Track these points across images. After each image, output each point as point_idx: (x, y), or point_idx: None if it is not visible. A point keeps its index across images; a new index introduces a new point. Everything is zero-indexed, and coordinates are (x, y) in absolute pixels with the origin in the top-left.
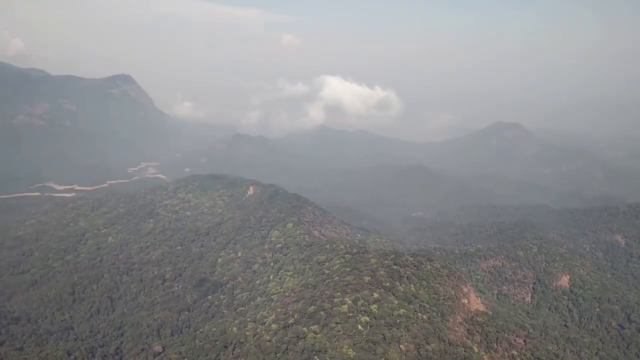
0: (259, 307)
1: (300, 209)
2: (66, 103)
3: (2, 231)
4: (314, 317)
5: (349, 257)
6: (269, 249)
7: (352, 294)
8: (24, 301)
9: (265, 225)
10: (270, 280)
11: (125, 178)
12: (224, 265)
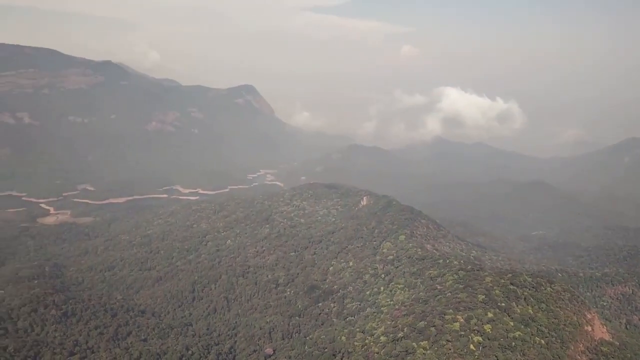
0: (369, 318)
1: (413, 221)
2: (194, 111)
3: (134, 229)
4: (424, 332)
5: (463, 274)
6: (381, 260)
7: (464, 312)
8: (149, 296)
9: (377, 236)
10: (380, 291)
11: (245, 184)
12: (335, 273)
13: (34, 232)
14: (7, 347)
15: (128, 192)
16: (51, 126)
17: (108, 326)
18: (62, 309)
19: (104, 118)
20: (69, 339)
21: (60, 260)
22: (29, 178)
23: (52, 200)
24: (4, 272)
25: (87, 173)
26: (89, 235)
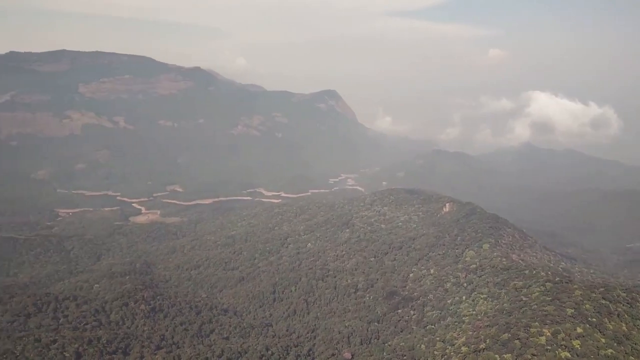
0: (449, 328)
1: (498, 230)
2: (279, 116)
3: (219, 230)
4: (508, 345)
5: (550, 286)
6: (463, 268)
7: (551, 326)
8: (232, 295)
9: (459, 244)
10: (462, 301)
11: (326, 188)
12: (415, 280)
13: (127, 230)
14: (101, 338)
15: (214, 194)
16: (144, 130)
17: (193, 323)
18: (151, 304)
19: (192, 122)
20: (156, 333)
21: (149, 257)
22: (123, 179)
23: (143, 201)
24: (100, 267)
25: (176, 175)
26: (177, 235)
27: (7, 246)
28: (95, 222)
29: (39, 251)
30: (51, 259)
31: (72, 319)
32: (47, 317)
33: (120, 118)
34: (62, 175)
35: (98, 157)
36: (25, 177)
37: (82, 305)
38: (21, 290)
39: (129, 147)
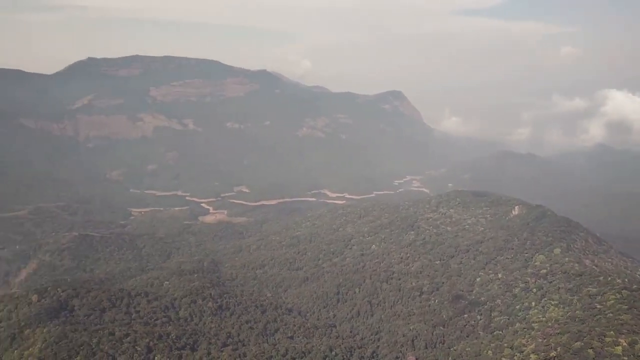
0: (518, 334)
1: (570, 234)
2: (343, 118)
3: (284, 230)
4: (580, 354)
5: (627, 294)
6: (532, 273)
7: (628, 335)
8: (296, 295)
9: (529, 249)
10: (531, 307)
11: (391, 189)
12: (482, 285)
13: (196, 229)
14: (170, 334)
15: (279, 195)
16: (212, 132)
17: (258, 321)
18: (218, 302)
19: (258, 124)
20: (222, 330)
21: (217, 256)
22: (192, 179)
23: (211, 201)
24: (170, 265)
25: (243, 176)
26: (243, 235)
27: (85, 243)
28: (165, 221)
29: (113, 248)
30: (124, 256)
31: (143, 314)
32: (121, 311)
33: (190, 120)
34: (134, 175)
35: (168, 159)
36: (101, 178)
37: (153, 302)
38: (97, 286)
39: (198, 148)
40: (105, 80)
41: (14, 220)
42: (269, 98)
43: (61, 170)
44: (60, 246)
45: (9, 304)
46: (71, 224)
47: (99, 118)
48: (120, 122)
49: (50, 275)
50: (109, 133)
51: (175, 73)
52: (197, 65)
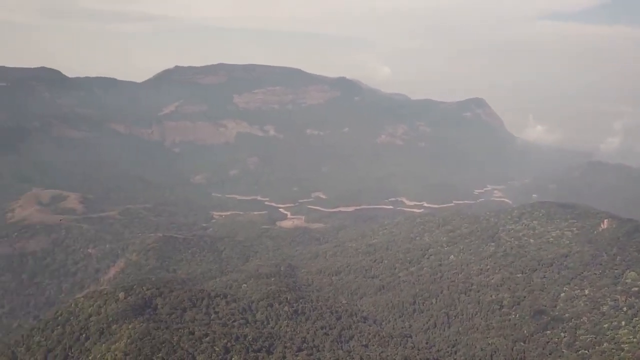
0: (605, 355)
1: None
2: (422, 125)
3: (360, 237)
4: None
5: None
6: (622, 291)
7: None
8: (371, 303)
9: (619, 264)
10: (621, 326)
11: (471, 199)
12: (567, 301)
13: (273, 233)
14: (247, 336)
15: (356, 202)
16: (292, 138)
17: (333, 328)
18: (294, 307)
19: (338, 131)
20: (298, 335)
21: (293, 261)
22: (272, 185)
23: (289, 206)
24: (248, 267)
25: (321, 182)
26: (320, 240)
27: (169, 244)
28: (244, 225)
29: (195, 250)
30: (205, 258)
31: (222, 315)
32: (201, 312)
33: (271, 127)
34: (216, 180)
35: (249, 164)
36: (185, 181)
37: (231, 303)
38: (179, 286)
39: (278, 154)
40: (191, 88)
41: (104, 220)
42: (349, 105)
43: (149, 173)
44: (146, 246)
45: (99, 300)
46: (157, 225)
47: (185, 124)
48: (205, 128)
49: (136, 273)
50: (194, 138)
51: (258, 81)
52: (279, 73)
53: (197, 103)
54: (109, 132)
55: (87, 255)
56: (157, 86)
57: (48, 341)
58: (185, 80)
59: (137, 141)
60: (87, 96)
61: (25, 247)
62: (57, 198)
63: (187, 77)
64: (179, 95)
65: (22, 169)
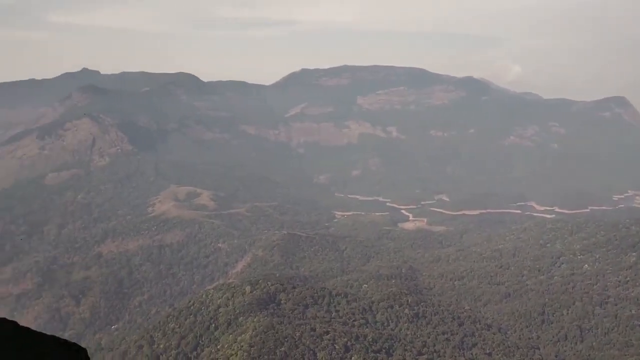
0: None
1: None
2: (555, 126)
3: (485, 242)
4: None
5: None
6: None
7: None
8: (496, 310)
9: None
10: None
11: (609, 205)
12: None
13: (394, 235)
14: (367, 336)
15: (481, 205)
16: (414, 140)
17: (455, 334)
18: (414, 310)
19: (463, 132)
20: (418, 339)
21: (414, 264)
22: (393, 186)
23: (411, 208)
24: (369, 268)
25: (444, 184)
26: (442, 244)
27: (292, 242)
28: (366, 226)
29: (317, 248)
30: (327, 256)
31: (342, 314)
32: (322, 309)
33: (393, 128)
34: (339, 180)
35: (371, 165)
36: (309, 181)
37: (352, 303)
38: (302, 283)
39: (400, 155)
40: (317, 90)
41: (233, 216)
42: (475, 105)
43: (275, 173)
44: (272, 243)
45: (227, 292)
46: (281, 223)
47: (310, 125)
48: (329, 129)
49: (261, 269)
50: (318, 139)
51: (381, 82)
52: (403, 74)
53: (321, 105)
54: (239, 133)
55: (217, 249)
56: (284, 89)
57: (181, 328)
58: (311, 83)
59: (264, 142)
60: (220, 99)
61: (163, 239)
62: (191, 195)
63: (313, 80)
64: (305, 97)
65: (161, 167)
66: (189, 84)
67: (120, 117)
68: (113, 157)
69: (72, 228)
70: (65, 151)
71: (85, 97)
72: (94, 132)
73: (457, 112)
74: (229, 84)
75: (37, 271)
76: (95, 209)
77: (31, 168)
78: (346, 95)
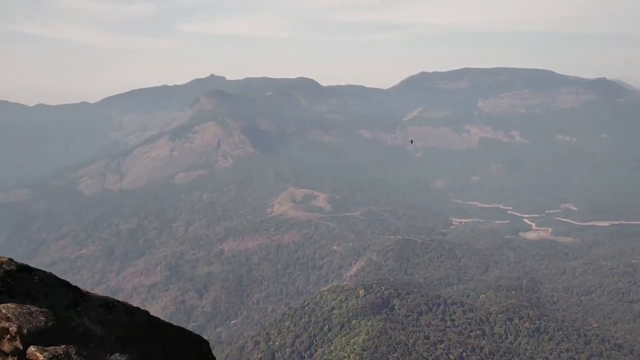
0: None
1: None
2: None
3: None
4: None
5: None
6: None
7: None
8: (628, 330)
9: None
10: None
11: None
12: None
13: (515, 244)
14: (484, 348)
15: (613, 216)
16: (540, 144)
17: (580, 352)
18: (535, 324)
19: (594, 137)
20: (539, 354)
21: (537, 276)
22: (516, 193)
23: (534, 216)
24: (487, 278)
25: (571, 192)
26: (568, 256)
27: (407, 247)
28: (484, 234)
29: (432, 255)
30: (443, 264)
31: (458, 323)
32: (436, 317)
33: (516, 132)
34: (457, 186)
35: (492, 171)
36: (425, 186)
37: (468, 313)
38: (416, 289)
39: (523, 161)
40: (435, 93)
41: (349, 219)
42: (609, 109)
43: (391, 177)
44: (386, 247)
45: (341, 295)
46: (396, 228)
47: (427, 129)
48: (447, 133)
49: (375, 273)
50: (436, 144)
51: (504, 85)
52: (527, 76)
53: (440, 108)
54: (356, 137)
55: (332, 251)
56: (402, 92)
57: (296, 327)
58: (430, 86)
59: (380, 146)
60: (338, 103)
61: (281, 240)
62: (308, 197)
63: (432, 83)
64: (423, 101)
65: (281, 169)
66: (308, 88)
67: (244, 120)
68: (236, 159)
69: (198, 225)
70: (193, 153)
71: (211, 102)
72: (219, 135)
73: (587, 116)
74: (347, 88)
75: (165, 265)
76: (219, 208)
77: (163, 168)
78: (466, 99)
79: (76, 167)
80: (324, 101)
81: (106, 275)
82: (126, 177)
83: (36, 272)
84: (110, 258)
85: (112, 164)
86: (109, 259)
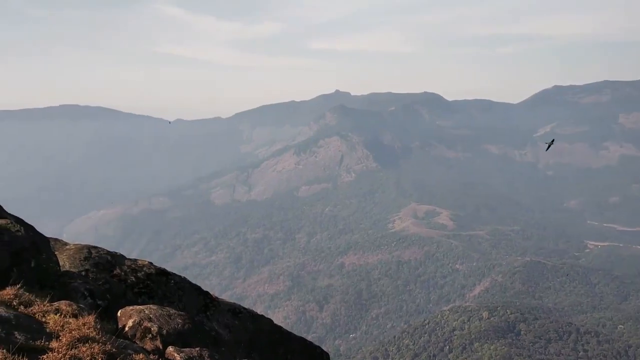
0: None
1: None
2: None
3: None
4: None
5: None
6: None
7: None
8: None
9: None
10: None
11: None
12: None
13: None
14: None
15: None
16: None
17: None
18: None
19: None
20: None
21: None
22: None
23: None
24: (626, 307)
25: None
26: None
27: (535, 270)
28: (625, 259)
29: (564, 280)
30: (575, 289)
31: (591, 355)
32: (567, 347)
33: None
34: (593, 206)
35: (633, 190)
36: (558, 206)
37: (604, 344)
38: (545, 315)
39: None
40: (570, 108)
41: (473, 238)
42: None
43: (519, 195)
44: (512, 269)
45: (463, 315)
46: (524, 249)
47: (561, 145)
48: (583, 150)
49: (500, 295)
50: (570, 161)
51: None
52: None
53: (576, 124)
54: (482, 152)
55: (455, 270)
56: (533, 107)
57: (415, 346)
58: (564, 100)
59: (509, 162)
60: (464, 118)
61: (402, 256)
62: (430, 213)
63: (567, 97)
64: (557, 116)
65: (403, 184)
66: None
67: (367, 135)
68: (358, 173)
69: (320, 238)
70: (317, 167)
71: (336, 117)
72: (343, 150)
73: None
74: (473, 103)
75: (288, 275)
76: (340, 222)
77: (288, 181)
78: (605, 113)
79: (209, 178)
80: (448, 116)
81: (233, 282)
82: (254, 188)
83: (172, 276)
84: (237, 265)
85: (241, 176)
86: (236, 266)
